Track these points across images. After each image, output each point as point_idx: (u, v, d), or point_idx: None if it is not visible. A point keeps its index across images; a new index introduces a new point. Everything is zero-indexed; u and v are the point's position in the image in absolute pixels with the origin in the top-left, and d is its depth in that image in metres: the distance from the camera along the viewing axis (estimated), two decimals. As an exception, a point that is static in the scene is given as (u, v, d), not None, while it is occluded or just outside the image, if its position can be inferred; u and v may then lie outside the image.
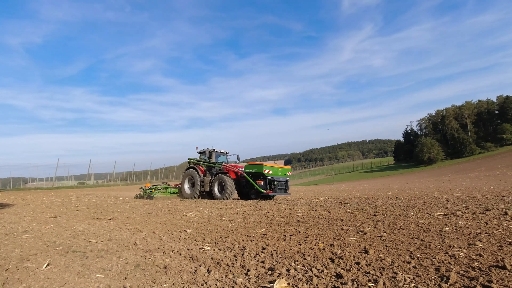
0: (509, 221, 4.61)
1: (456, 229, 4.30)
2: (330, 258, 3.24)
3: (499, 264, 2.68)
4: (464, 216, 5.28)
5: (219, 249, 3.93)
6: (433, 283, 2.41)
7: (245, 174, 12.00)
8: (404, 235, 4.12)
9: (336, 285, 2.51)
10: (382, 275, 2.66)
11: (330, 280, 2.65)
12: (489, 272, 2.54)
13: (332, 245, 3.80)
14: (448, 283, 2.37)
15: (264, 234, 4.73)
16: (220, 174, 12.62)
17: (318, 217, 6.16)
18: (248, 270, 3.02)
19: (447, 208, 6.39)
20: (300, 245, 3.91)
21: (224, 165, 13.03)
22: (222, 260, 3.40)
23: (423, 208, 6.54)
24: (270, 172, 11.60)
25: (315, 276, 2.75)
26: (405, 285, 2.41)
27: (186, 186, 13.90)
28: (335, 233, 4.52)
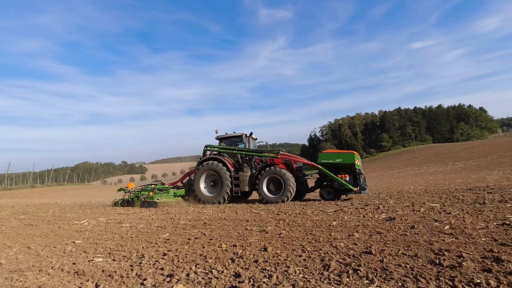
0: (380, 214, 5.59)
1: (341, 223, 4.98)
2: (231, 259, 3.30)
3: (368, 250, 3.20)
4: (349, 211, 6.16)
5: (113, 260, 3.55)
6: (318, 272, 2.72)
7: (320, 167, 9.04)
8: (300, 231, 4.53)
9: (234, 285, 2.57)
10: (276, 270, 2.84)
11: (229, 280, 2.70)
12: (360, 257, 3.01)
13: (235, 245, 3.88)
14: (329, 271, 2.70)
15: (167, 239, 4.50)
16: (271, 168, 9.35)
17: (225, 218, 6.24)
18: (145, 279, 2.82)
19: (337, 205, 7.34)
20: (204, 247, 3.87)
21: (283, 153, 9.80)
22: (115, 272, 3.07)
23: (319, 206, 7.36)
24: (358, 163, 9.05)
25: (215, 277, 2.75)
26: (295, 277, 2.63)
27: (202, 185, 10.25)
28: (239, 233, 4.64)
